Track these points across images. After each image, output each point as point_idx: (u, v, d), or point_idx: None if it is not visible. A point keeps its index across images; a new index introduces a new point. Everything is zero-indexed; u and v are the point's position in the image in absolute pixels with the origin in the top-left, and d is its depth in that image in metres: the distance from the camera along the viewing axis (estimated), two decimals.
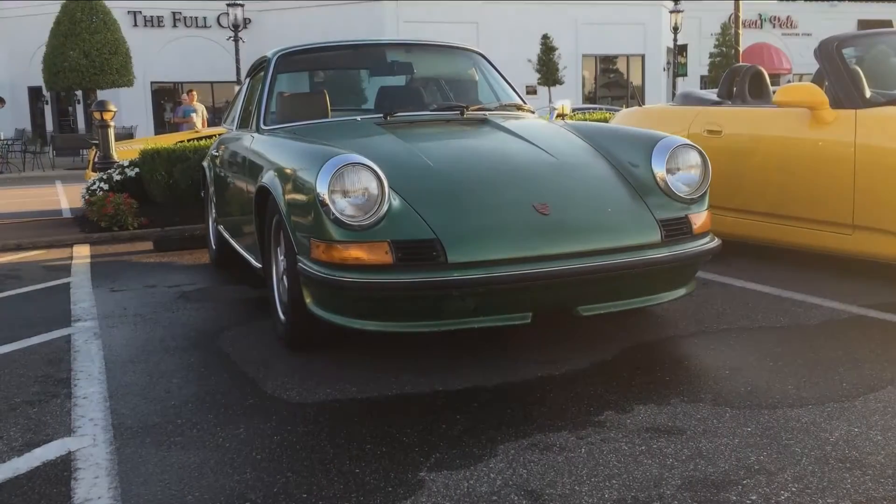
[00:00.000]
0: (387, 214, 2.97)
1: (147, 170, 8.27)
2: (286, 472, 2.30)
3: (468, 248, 2.92)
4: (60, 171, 21.51)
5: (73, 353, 3.57)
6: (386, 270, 2.89)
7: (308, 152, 3.28)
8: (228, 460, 2.39)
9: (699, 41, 34.08)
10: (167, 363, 3.39)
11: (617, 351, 3.27)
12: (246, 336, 3.77)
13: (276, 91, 4.34)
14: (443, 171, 3.30)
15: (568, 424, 2.54)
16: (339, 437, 2.53)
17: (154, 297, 4.70)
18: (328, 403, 2.83)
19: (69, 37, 20.72)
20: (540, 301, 3.04)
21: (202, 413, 2.79)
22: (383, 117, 4.02)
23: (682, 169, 3.36)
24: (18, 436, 2.64)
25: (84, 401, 2.96)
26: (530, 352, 3.30)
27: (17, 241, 6.95)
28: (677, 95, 5.82)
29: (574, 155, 3.57)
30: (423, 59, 4.81)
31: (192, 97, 15.16)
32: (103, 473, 2.33)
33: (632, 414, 2.60)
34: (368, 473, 2.26)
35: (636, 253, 3.06)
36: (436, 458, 2.34)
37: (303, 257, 3.11)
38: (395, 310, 2.97)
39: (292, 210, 3.19)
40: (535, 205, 3.10)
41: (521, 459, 2.30)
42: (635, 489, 2.09)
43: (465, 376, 3.04)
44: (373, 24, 27.23)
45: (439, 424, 2.59)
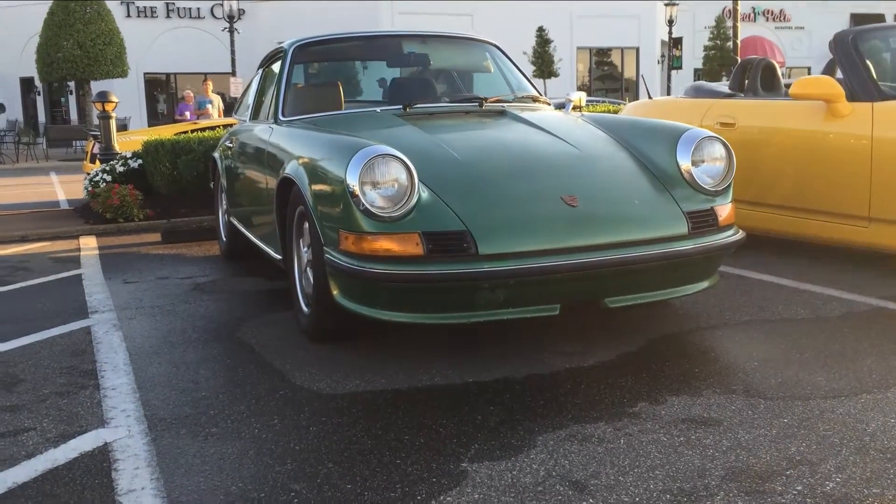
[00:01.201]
0: (416, 206, 2.97)
1: (150, 161, 8.23)
2: (327, 462, 2.30)
3: (498, 240, 2.92)
4: (54, 162, 21.41)
5: (95, 345, 3.56)
6: (416, 262, 2.89)
7: (336, 143, 3.27)
8: (267, 451, 2.39)
9: (693, 34, 34.15)
10: (191, 354, 3.38)
11: (643, 343, 3.29)
12: (267, 327, 3.76)
13: (293, 82, 4.32)
14: (469, 162, 3.29)
15: (603, 415, 2.55)
16: (375, 429, 2.53)
17: (168, 289, 4.69)
18: (359, 395, 2.83)
19: (63, 27, 20.56)
20: (568, 293, 3.05)
21: (234, 404, 2.79)
22: (402, 109, 4.01)
23: (707, 161, 3.36)
24: (52, 427, 2.63)
25: (113, 392, 2.95)
26: (556, 343, 3.31)
27: (23, 232, 6.91)
28: (688, 88, 5.83)
29: (596, 147, 3.57)
30: (438, 51, 4.80)
31: (207, 87, 14.46)
32: (143, 464, 2.33)
33: (666, 405, 2.61)
34: (410, 464, 2.27)
35: (664, 245, 3.07)
36: (475, 449, 2.35)
37: (330, 249, 3.11)
38: (424, 301, 2.97)
39: (319, 201, 3.19)
40: (564, 196, 3.10)
41: (561, 450, 2.31)
42: (680, 480, 2.10)
43: (493, 368, 3.05)
44: (368, 16, 27.11)
45: (474, 416, 2.60)
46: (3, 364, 3.32)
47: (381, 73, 4.85)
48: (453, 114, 4.09)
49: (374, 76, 4.89)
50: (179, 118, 13.79)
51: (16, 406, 2.84)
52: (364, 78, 5.04)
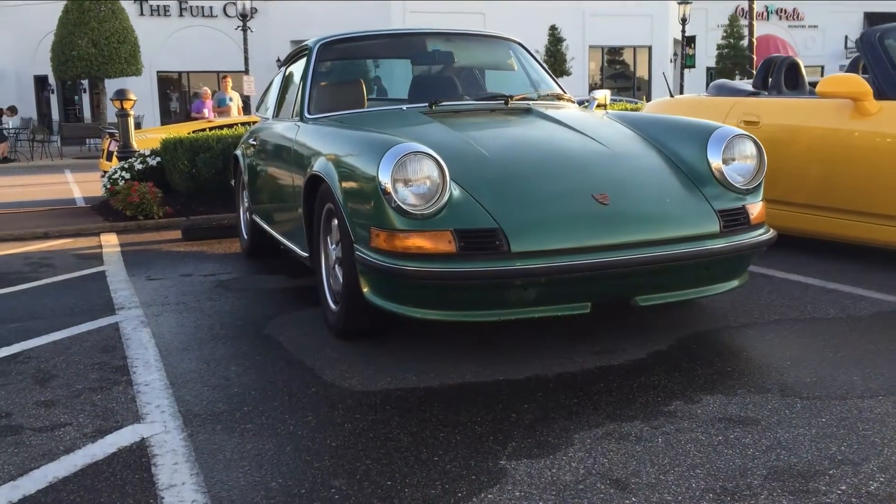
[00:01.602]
0: (448, 203, 2.97)
1: (169, 159, 8.25)
2: (365, 459, 2.30)
3: (531, 238, 2.92)
4: (68, 159, 21.50)
5: (125, 341, 3.58)
6: (448, 259, 2.89)
7: (367, 140, 3.28)
8: (304, 447, 2.40)
9: (706, 33, 34.02)
10: (220, 351, 3.39)
11: (672, 341, 3.28)
12: (293, 324, 3.77)
13: (318, 80, 4.33)
14: (499, 160, 3.29)
15: (638, 414, 2.54)
16: (409, 426, 2.53)
17: (192, 286, 4.70)
18: (392, 392, 2.84)
19: (78, 25, 20.67)
20: (600, 291, 3.04)
21: (267, 401, 2.80)
22: (428, 106, 4.01)
23: (738, 159, 3.35)
24: (88, 422, 2.65)
25: (146, 388, 2.96)
26: (584, 341, 3.30)
27: (44, 229, 6.95)
28: (710, 86, 5.81)
29: (625, 145, 3.57)
30: (462, 48, 4.79)
31: (226, 84, 14.22)
32: (182, 460, 2.34)
33: (701, 404, 2.60)
34: (448, 461, 2.27)
35: (696, 243, 3.06)
36: (512, 446, 2.35)
37: (360, 246, 3.11)
38: (456, 299, 2.97)
39: (349, 198, 3.19)
40: (595, 195, 3.09)
41: (599, 448, 2.30)
42: (722, 479, 2.09)
43: (523, 366, 3.04)
44: (380, 15, 27.12)
45: (508, 413, 2.60)
46: (35, 360, 3.34)
47: (404, 70, 4.85)
48: (479, 111, 4.09)
49: (398, 74, 4.89)
50: (196, 115, 13.70)
51: (50, 401, 2.85)
52: (388, 76, 5.04)
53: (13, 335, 3.73)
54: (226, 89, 14.06)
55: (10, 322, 3.98)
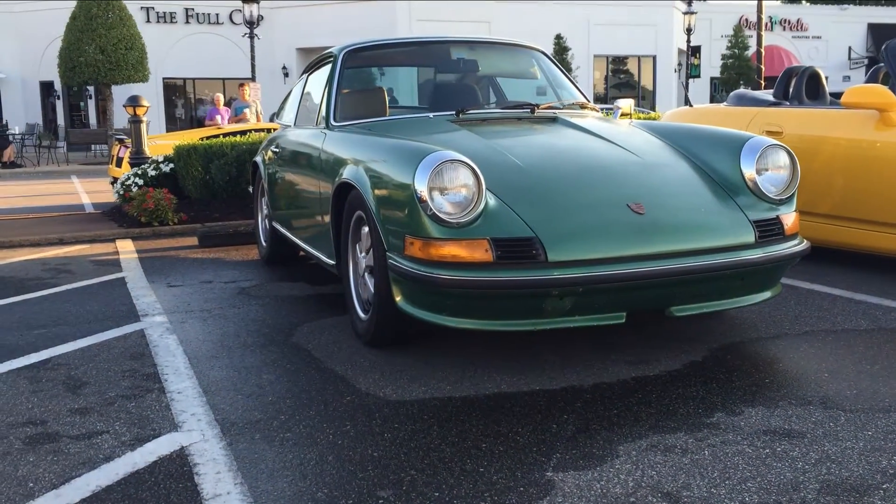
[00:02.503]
0: (483, 212, 2.96)
1: (182, 165, 8.26)
2: (409, 469, 2.28)
3: (568, 247, 2.90)
4: (75, 165, 21.54)
5: (152, 348, 3.56)
6: (485, 268, 2.87)
7: (402, 148, 3.26)
8: (347, 457, 2.38)
9: (710, 43, 34.05)
10: (249, 359, 3.38)
11: (705, 352, 3.26)
12: (320, 332, 3.75)
13: (344, 87, 4.32)
14: (532, 169, 3.28)
15: (681, 426, 2.52)
16: (450, 436, 2.51)
17: (214, 293, 4.69)
18: (427, 401, 2.82)
19: (85, 32, 20.67)
20: (635, 301, 3.03)
21: (303, 409, 2.78)
22: (455, 114, 3.99)
23: (771, 169, 3.34)
24: (125, 430, 2.63)
25: (179, 395, 2.94)
26: (616, 351, 3.28)
27: (59, 235, 6.94)
28: (730, 96, 5.80)
29: (655, 154, 3.56)
30: (486, 57, 4.79)
31: (243, 92, 13.73)
32: (224, 469, 2.32)
33: (743, 416, 2.58)
34: (494, 472, 2.25)
35: (732, 254, 3.04)
36: (557, 458, 2.33)
37: (394, 254, 3.09)
38: (491, 308, 2.95)
39: (383, 206, 3.17)
40: (630, 204, 3.08)
41: (645, 461, 2.28)
42: (774, 493, 2.07)
43: (557, 376, 3.03)
44: (386, 23, 27.16)
45: (549, 424, 2.58)
46: (65, 366, 3.32)
47: (428, 78, 4.84)
48: (506, 120, 4.07)
49: (422, 82, 4.88)
50: (210, 123, 13.54)
51: (84, 409, 2.83)
52: (412, 83, 5.03)
53: (40, 341, 3.71)
54: (242, 96, 13.76)
55: (35, 328, 3.96)
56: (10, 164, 20.82)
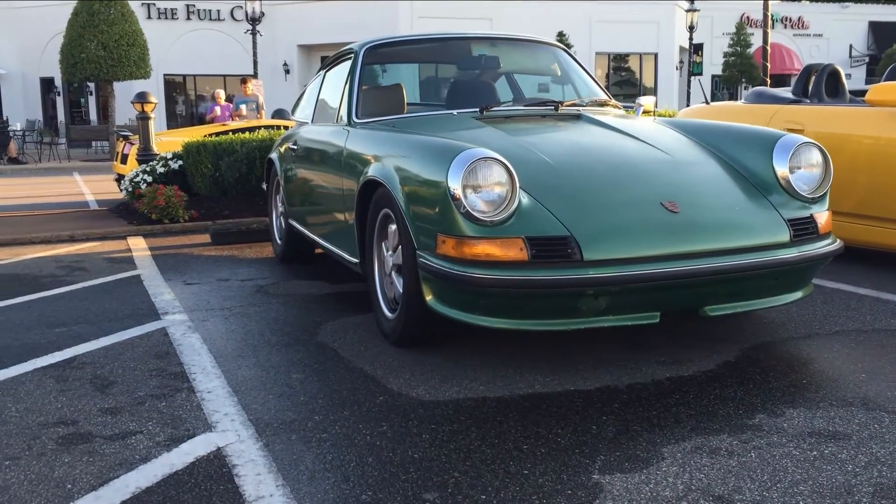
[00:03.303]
0: (517, 210, 2.92)
1: (192, 162, 8.21)
2: (452, 472, 2.25)
3: (603, 246, 2.87)
4: (76, 162, 21.46)
5: (176, 347, 3.52)
6: (520, 267, 2.83)
7: (433, 145, 3.22)
8: (387, 459, 2.34)
9: (711, 40, 34.01)
10: (276, 358, 3.34)
11: (738, 352, 3.23)
12: (345, 331, 3.72)
13: (365, 84, 4.28)
14: (563, 167, 3.25)
15: (724, 427, 2.49)
16: (489, 437, 2.48)
17: (232, 291, 4.65)
18: (462, 402, 2.78)
19: (87, 28, 20.61)
20: (669, 301, 2.99)
21: (336, 409, 2.74)
22: (479, 112, 3.96)
23: (804, 167, 3.31)
24: (158, 430, 2.59)
25: (210, 395, 2.91)
26: (647, 351, 3.25)
27: (70, 232, 6.89)
28: (748, 93, 5.77)
29: (685, 151, 3.52)
30: (506, 53, 4.75)
31: (245, 88, 13.58)
32: (264, 470, 2.28)
33: (785, 417, 2.55)
34: (539, 475, 2.21)
35: (767, 253, 3.01)
36: (602, 460, 2.29)
37: (424, 253, 3.06)
38: (525, 307, 2.91)
39: (413, 204, 3.14)
40: (664, 202, 3.05)
41: (692, 463, 2.25)
42: (828, 496, 2.04)
43: (591, 376, 2.99)
44: (387, 19, 27.10)
45: (588, 425, 2.54)
46: (90, 365, 3.28)
47: (450, 75, 4.80)
48: (530, 117, 4.04)
49: (443, 78, 4.83)
50: (209, 117, 13.48)
51: (115, 408, 2.80)
52: (433, 80, 4.99)
53: (62, 339, 3.67)
54: (244, 92, 13.63)
55: (56, 326, 3.92)
56: (13, 161, 20.77)
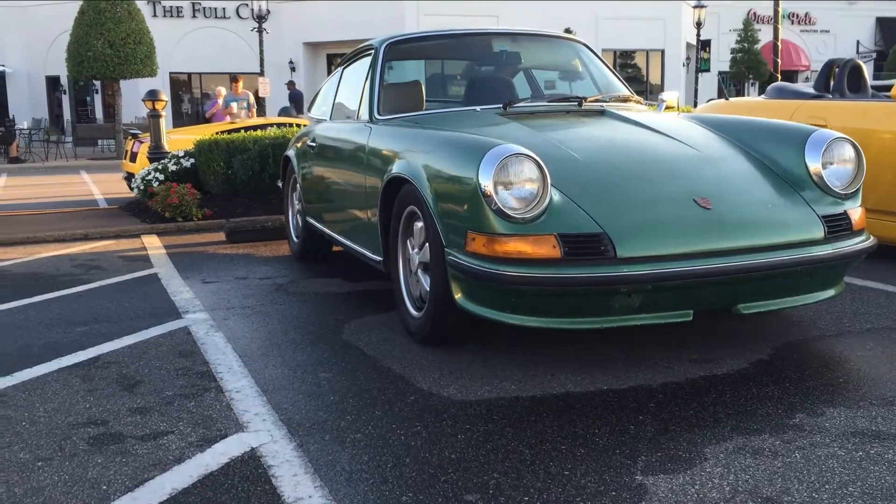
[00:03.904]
0: (548, 207, 2.88)
1: (204, 160, 8.19)
2: (492, 472, 2.22)
3: (637, 243, 2.83)
4: (83, 160, 21.42)
5: (200, 346, 3.49)
6: (552, 265, 2.80)
7: (462, 142, 3.19)
8: (424, 460, 2.31)
9: (718, 37, 33.91)
10: (302, 357, 3.31)
11: (769, 350, 3.19)
12: (369, 330, 3.68)
13: (386, 81, 4.24)
14: (592, 163, 3.21)
15: (764, 427, 2.45)
16: (526, 437, 2.44)
17: (251, 290, 4.62)
18: (495, 401, 2.75)
19: (94, 26, 20.59)
20: (703, 298, 2.95)
21: (368, 409, 2.71)
22: (503, 108, 3.92)
23: (837, 163, 3.27)
24: (190, 430, 2.56)
25: (238, 395, 2.87)
26: (678, 349, 3.22)
27: (84, 230, 6.87)
28: (769, 89, 5.73)
29: (714, 147, 3.48)
30: (527, 49, 4.71)
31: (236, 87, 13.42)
32: (300, 471, 2.25)
33: (826, 417, 2.51)
34: (580, 476, 2.18)
35: (802, 249, 2.97)
36: (643, 460, 2.26)
37: (454, 250, 3.02)
38: (557, 305, 2.88)
39: (441, 201, 3.10)
40: (697, 199, 3.01)
41: (736, 464, 2.21)
42: (879, 498, 2.00)
43: (622, 375, 2.96)
44: (393, 17, 27.04)
45: (626, 425, 2.51)
46: (115, 364, 3.25)
47: (470, 71, 4.75)
48: (554, 113, 4.00)
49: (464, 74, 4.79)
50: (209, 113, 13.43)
51: (144, 408, 2.77)
52: (454, 76, 4.95)
53: (84, 339, 3.64)
54: (235, 91, 13.46)
55: (77, 325, 3.89)
56: (13, 160, 20.73)
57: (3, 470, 2.31)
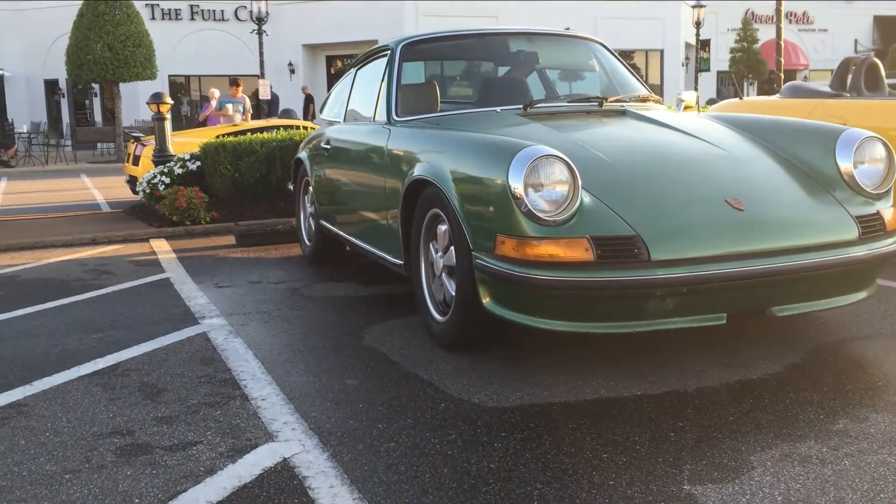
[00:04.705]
0: (579, 209, 2.83)
1: (210, 163, 8.11)
2: (534, 483, 2.16)
3: (671, 246, 2.78)
4: (83, 164, 21.33)
5: (221, 352, 3.43)
6: (585, 268, 2.74)
7: (489, 143, 3.13)
8: (463, 470, 2.25)
9: (716, 37, 33.89)
10: (325, 363, 3.25)
11: (803, 353, 3.13)
12: (390, 335, 3.62)
13: (404, 82, 4.18)
14: (619, 164, 3.16)
15: (808, 434, 2.40)
16: (564, 445, 2.39)
17: (266, 294, 4.56)
18: (528, 408, 2.69)
19: (93, 29, 20.50)
20: (737, 301, 2.90)
21: (398, 417, 2.65)
22: (523, 108, 3.86)
23: (868, 162, 3.21)
24: (219, 440, 2.50)
25: (265, 403, 2.81)
26: (707, 353, 3.16)
27: (91, 235, 6.80)
28: (785, 87, 5.68)
29: (741, 147, 3.43)
30: (544, 49, 4.65)
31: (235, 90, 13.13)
32: (337, 483, 2.19)
33: (870, 423, 2.46)
34: (626, 485, 2.12)
35: (837, 251, 2.92)
36: (688, 469, 2.20)
37: (481, 254, 2.96)
38: (590, 309, 2.82)
39: (468, 203, 3.04)
40: (729, 199, 2.95)
41: (785, 473, 2.16)
42: None
43: (655, 380, 2.90)
44: (392, 18, 27.00)
45: (666, 432, 2.45)
46: (136, 372, 3.19)
47: (487, 71, 4.70)
48: (574, 113, 3.94)
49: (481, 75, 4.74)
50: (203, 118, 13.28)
51: (169, 417, 2.70)
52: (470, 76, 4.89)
53: (102, 346, 3.58)
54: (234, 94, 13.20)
55: (93, 332, 3.83)
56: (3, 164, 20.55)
57: (32, 483, 2.25)
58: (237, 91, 13.28)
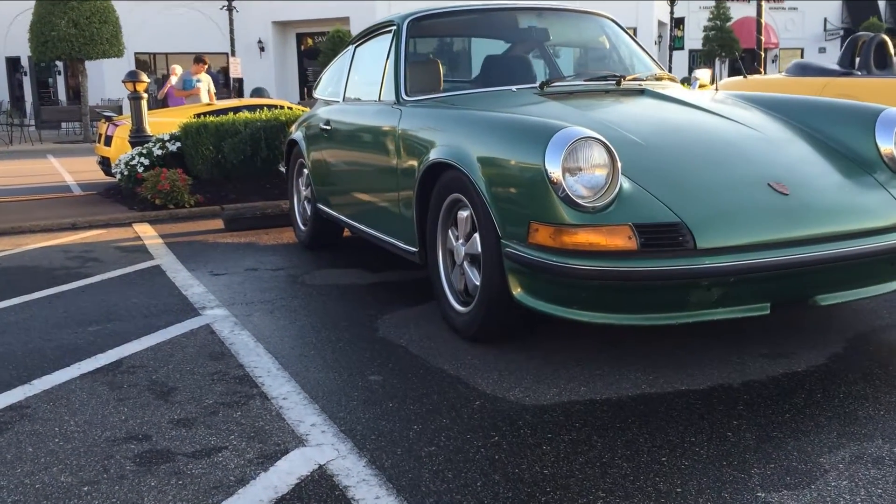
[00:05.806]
0: (618, 195, 2.67)
1: (191, 144, 7.83)
2: (595, 490, 2.01)
3: (717, 233, 2.63)
4: (48, 144, 20.74)
5: (229, 347, 3.24)
6: (628, 257, 2.58)
7: (522, 124, 2.95)
8: (515, 476, 2.09)
9: (688, 14, 33.87)
10: (343, 358, 3.07)
11: (843, 343, 3.02)
12: (406, 326, 3.45)
13: (412, 59, 3.99)
14: (655, 146, 3.00)
15: (873, 432, 2.27)
16: (618, 447, 2.24)
17: (266, 282, 4.36)
18: (570, 406, 2.54)
19: (57, 5, 19.85)
20: (782, 290, 2.76)
21: (433, 417, 2.49)
22: (539, 87, 3.69)
23: None
24: (245, 445, 2.32)
25: (286, 402, 2.63)
26: (745, 345, 3.04)
27: (71, 219, 6.53)
28: (791, 65, 5.56)
29: (774, 128, 3.30)
30: (553, 25, 4.47)
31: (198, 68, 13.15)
32: (382, 492, 2.03)
33: None
34: (696, 493, 1.98)
35: (884, 236, 2.79)
36: (757, 474, 2.06)
37: (512, 242, 2.80)
38: (631, 300, 2.67)
39: (497, 188, 2.87)
40: (772, 183, 2.81)
41: (860, 476, 2.03)
42: None
43: (696, 374, 2.77)
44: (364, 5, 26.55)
45: (722, 431, 2.31)
46: (142, 369, 2.99)
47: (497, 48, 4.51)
48: (593, 92, 3.78)
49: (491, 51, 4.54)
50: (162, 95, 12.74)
51: (186, 420, 2.52)
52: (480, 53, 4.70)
53: (100, 339, 3.37)
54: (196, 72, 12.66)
55: (88, 324, 3.61)
56: None
57: (47, 497, 2.05)
58: (201, 69, 12.69)
